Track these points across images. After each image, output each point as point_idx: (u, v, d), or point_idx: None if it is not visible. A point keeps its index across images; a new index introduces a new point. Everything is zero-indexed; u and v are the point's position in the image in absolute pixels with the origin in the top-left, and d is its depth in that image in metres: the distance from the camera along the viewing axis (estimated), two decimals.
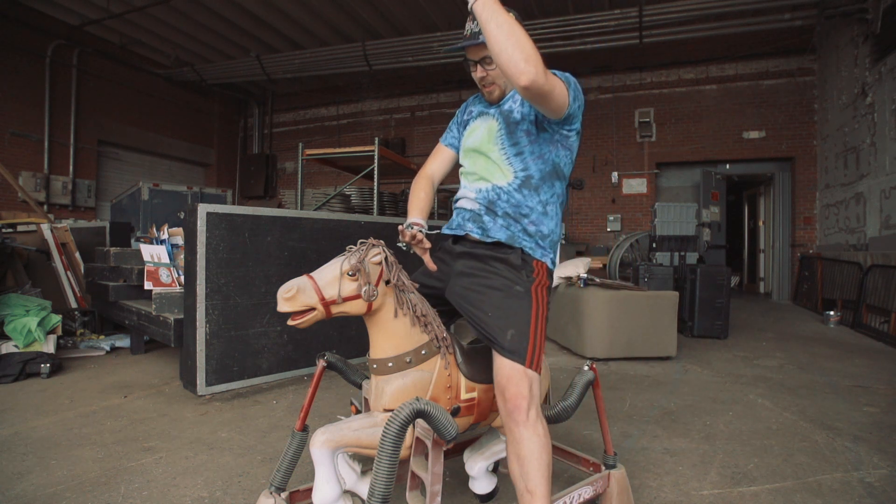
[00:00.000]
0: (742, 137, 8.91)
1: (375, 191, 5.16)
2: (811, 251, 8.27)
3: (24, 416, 2.77)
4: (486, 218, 1.49)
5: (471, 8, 1.24)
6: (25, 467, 2.14)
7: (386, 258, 1.34)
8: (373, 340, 1.39)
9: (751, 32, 7.68)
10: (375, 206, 5.17)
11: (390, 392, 1.34)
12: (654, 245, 6.80)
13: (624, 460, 2.14)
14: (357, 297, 1.28)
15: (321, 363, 1.55)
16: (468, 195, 1.55)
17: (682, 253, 6.21)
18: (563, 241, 7.94)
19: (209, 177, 12.30)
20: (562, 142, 1.49)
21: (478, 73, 1.51)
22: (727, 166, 9.21)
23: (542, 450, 1.30)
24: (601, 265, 7.55)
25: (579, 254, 8.39)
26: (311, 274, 1.28)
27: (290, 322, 1.26)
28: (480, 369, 1.48)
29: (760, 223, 9.81)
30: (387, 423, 1.13)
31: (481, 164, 1.53)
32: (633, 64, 9.39)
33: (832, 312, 6.16)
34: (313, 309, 1.24)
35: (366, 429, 1.33)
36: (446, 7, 8.25)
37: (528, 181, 1.47)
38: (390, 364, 1.35)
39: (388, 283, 1.34)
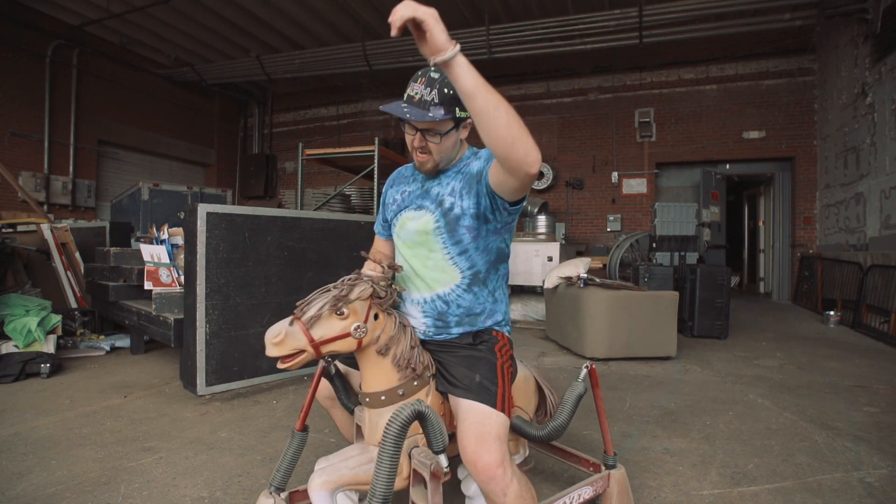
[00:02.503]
0: (742, 137, 8.90)
1: (375, 191, 5.16)
2: (811, 251, 8.27)
3: (24, 416, 2.77)
4: (437, 337, 1.45)
5: (441, 62, 1.00)
6: (25, 467, 2.14)
7: (373, 293, 1.30)
8: (364, 374, 1.37)
9: (751, 32, 7.67)
10: (375, 206, 5.17)
11: (384, 426, 1.34)
12: (654, 245, 6.81)
13: (624, 460, 2.14)
14: (346, 334, 1.26)
15: (321, 364, 1.55)
16: (413, 313, 1.47)
17: (682, 253, 6.21)
18: (563, 241, 7.93)
19: (209, 177, 12.30)
20: (506, 227, 1.42)
21: (416, 142, 1.36)
22: (727, 166, 9.21)
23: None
24: (601, 265, 7.55)
25: (579, 254, 8.39)
26: (300, 315, 1.25)
27: (279, 365, 1.24)
28: None
29: (760, 223, 9.81)
30: (387, 424, 1.13)
31: (421, 267, 1.43)
32: (633, 64, 9.38)
33: (832, 312, 6.16)
34: (303, 351, 1.23)
35: (363, 466, 1.33)
36: (446, 7, 8.25)
37: (476, 277, 1.42)
38: (383, 398, 1.34)
39: (376, 317, 1.32)
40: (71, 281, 5.05)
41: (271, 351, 1.20)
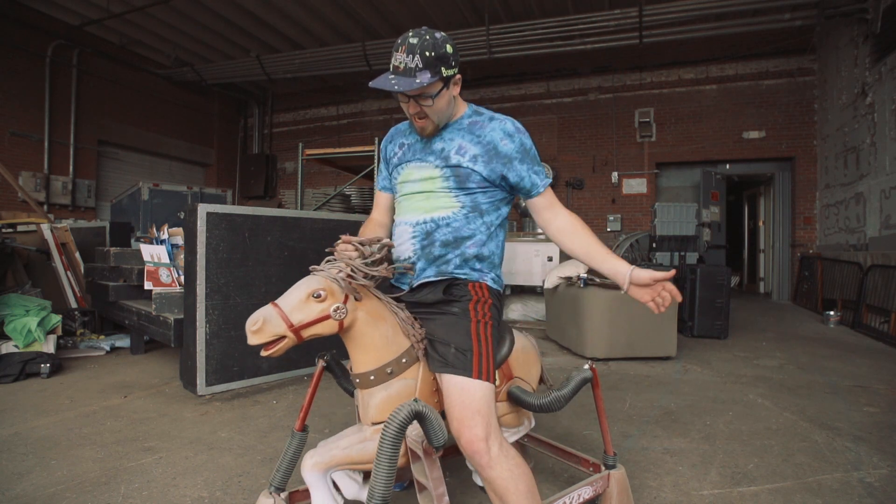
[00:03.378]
0: (742, 137, 8.90)
1: (376, 191, 5.16)
2: (811, 251, 8.26)
3: (24, 416, 2.77)
4: (418, 265, 1.44)
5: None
6: (25, 467, 2.14)
7: (351, 273, 1.29)
8: (352, 356, 1.37)
9: (751, 32, 7.67)
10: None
11: (375, 405, 1.33)
12: (654, 245, 6.81)
13: (624, 460, 2.14)
14: (326, 316, 1.24)
15: (321, 363, 1.55)
16: (403, 235, 1.47)
17: (682, 253, 6.21)
18: None
19: (209, 177, 12.30)
20: (509, 201, 1.53)
21: (411, 109, 1.38)
22: (727, 166, 9.21)
23: (517, 479, 1.26)
24: None
25: None
26: (277, 301, 1.24)
27: (263, 353, 1.23)
28: None
29: (760, 223, 9.81)
30: (385, 426, 1.13)
31: (423, 201, 1.45)
32: (633, 64, 9.38)
33: (832, 312, 6.16)
34: (284, 337, 1.22)
35: (355, 445, 1.33)
36: (446, 7, 8.26)
37: (476, 207, 1.44)
38: (372, 377, 1.34)
39: (357, 297, 1.31)
40: (71, 281, 5.05)
41: (251, 339, 1.20)
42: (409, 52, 1.29)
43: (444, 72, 1.33)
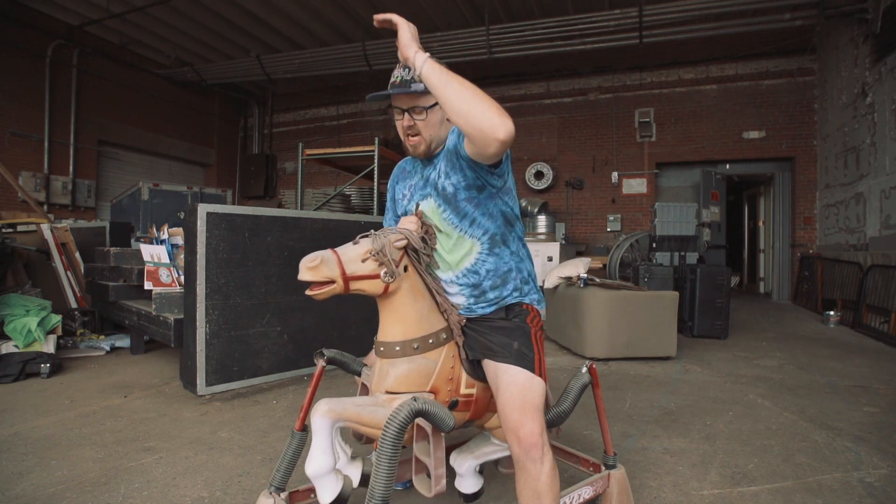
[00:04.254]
0: (742, 137, 8.90)
1: (375, 191, 5.17)
2: (811, 251, 8.26)
3: (24, 416, 2.77)
4: (476, 309, 1.48)
5: (419, 74, 1.22)
6: (25, 467, 2.14)
7: (408, 245, 1.37)
8: (383, 323, 1.40)
9: (751, 32, 7.67)
10: (375, 206, 5.17)
11: (395, 375, 1.36)
12: (654, 245, 6.81)
13: (624, 460, 2.14)
14: (376, 276, 1.30)
15: (321, 363, 1.55)
16: (449, 291, 1.50)
17: (682, 253, 6.21)
18: (563, 241, 7.93)
19: (209, 177, 12.29)
20: (500, 190, 1.45)
21: (405, 122, 1.41)
22: (727, 166, 9.20)
23: (554, 481, 1.34)
24: (601, 265, 7.55)
25: (579, 254, 8.39)
26: (336, 249, 1.30)
27: (308, 292, 1.27)
28: (482, 368, 1.48)
29: (760, 223, 9.81)
30: (385, 426, 1.13)
31: (443, 251, 1.46)
32: (633, 64, 9.38)
33: (832, 312, 6.16)
34: (333, 282, 1.26)
35: (367, 406, 1.34)
36: (446, 7, 8.25)
37: (494, 239, 1.45)
38: (397, 348, 1.37)
39: (406, 269, 1.37)
40: (71, 281, 5.05)
41: (304, 275, 1.23)
42: (406, 66, 1.36)
43: None
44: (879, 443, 2.49)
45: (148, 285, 3.74)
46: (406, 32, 1.26)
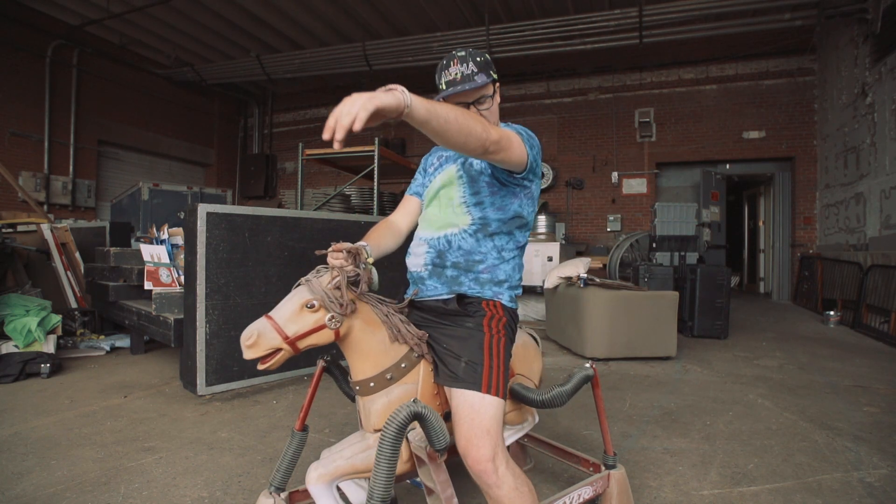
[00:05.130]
0: (742, 137, 8.90)
1: (375, 191, 5.16)
2: (811, 251, 8.26)
3: (24, 416, 2.77)
4: (428, 282, 1.46)
5: (407, 115, 1.05)
6: (25, 467, 2.14)
7: (346, 280, 1.28)
8: (350, 363, 1.36)
9: (751, 32, 7.67)
10: (375, 206, 5.17)
11: (376, 411, 1.33)
12: (654, 245, 6.81)
13: (624, 460, 2.14)
14: (322, 326, 1.24)
15: (321, 364, 1.55)
16: (415, 250, 1.50)
17: (682, 253, 6.21)
18: (563, 241, 7.93)
19: (209, 177, 12.30)
20: (524, 193, 1.46)
21: None
22: (727, 166, 9.21)
23: (523, 498, 1.27)
24: (601, 265, 7.55)
25: (579, 254, 8.38)
26: (271, 313, 1.23)
27: (259, 367, 1.22)
28: None
29: (760, 223, 9.81)
30: (384, 426, 1.13)
31: (438, 211, 1.48)
32: (633, 64, 9.38)
33: (832, 312, 6.16)
34: (280, 349, 1.21)
35: (359, 455, 1.33)
36: (446, 7, 8.25)
37: (485, 228, 1.44)
38: (372, 384, 1.33)
39: (353, 303, 1.29)
40: (71, 281, 5.05)
41: (247, 353, 1.19)
42: (462, 62, 1.39)
43: (493, 74, 1.43)
44: (879, 443, 2.49)
45: (148, 285, 3.74)
46: (383, 97, 1.02)
